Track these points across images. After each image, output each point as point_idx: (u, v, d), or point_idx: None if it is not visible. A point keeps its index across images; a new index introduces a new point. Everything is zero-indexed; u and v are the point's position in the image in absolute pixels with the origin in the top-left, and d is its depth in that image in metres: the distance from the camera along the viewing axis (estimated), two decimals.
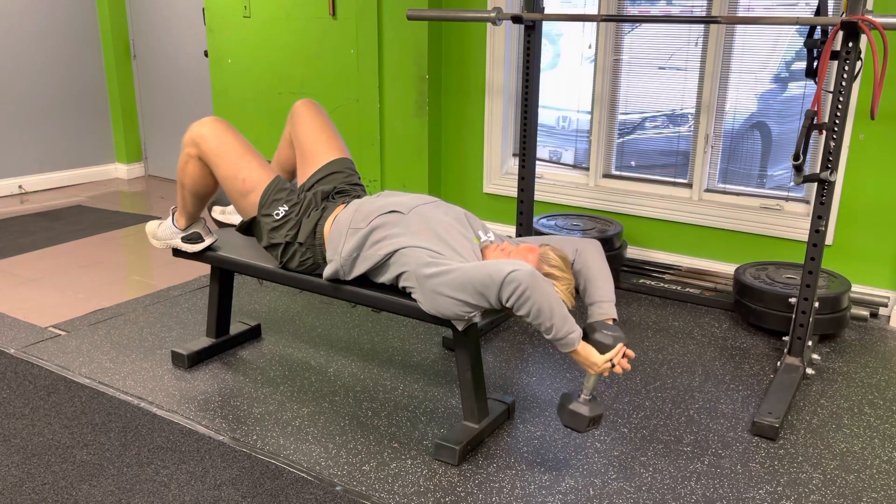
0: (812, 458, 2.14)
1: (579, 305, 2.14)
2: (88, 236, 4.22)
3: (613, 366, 1.94)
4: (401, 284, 2.11)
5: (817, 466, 2.10)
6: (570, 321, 1.91)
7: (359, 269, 2.17)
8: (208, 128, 2.30)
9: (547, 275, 1.98)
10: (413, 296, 2.07)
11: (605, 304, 2.05)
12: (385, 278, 2.15)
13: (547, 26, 3.73)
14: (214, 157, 2.29)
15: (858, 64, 2.33)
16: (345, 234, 2.18)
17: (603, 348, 1.95)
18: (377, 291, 2.18)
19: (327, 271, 2.22)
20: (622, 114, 3.74)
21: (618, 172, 3.83)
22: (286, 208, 2.27)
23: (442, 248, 2.06)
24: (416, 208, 2.17)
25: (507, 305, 1.90)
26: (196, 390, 2.48)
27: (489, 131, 3.97)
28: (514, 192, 3.92)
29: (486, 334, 2.94)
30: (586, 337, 1.96)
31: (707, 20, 2.92)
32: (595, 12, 3.62)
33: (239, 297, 3.24)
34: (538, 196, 3.74)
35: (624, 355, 1.96)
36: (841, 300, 2.84)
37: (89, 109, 5.52)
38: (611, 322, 2.02)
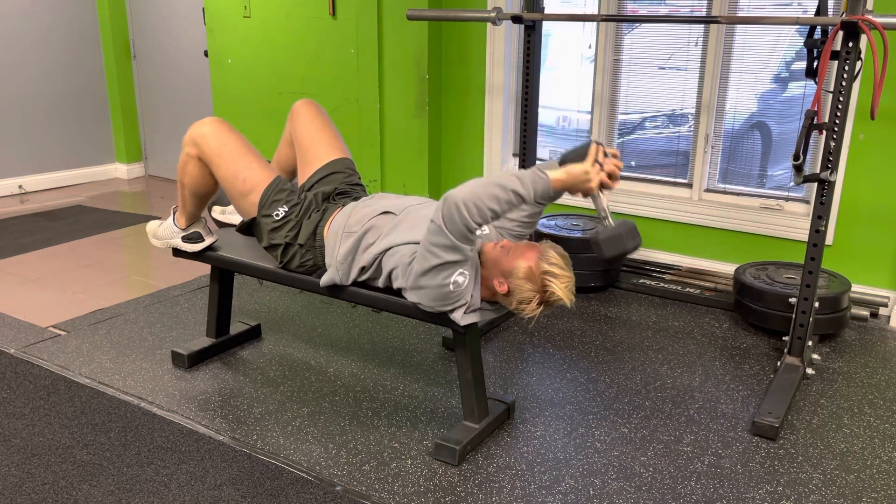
0: (812, 458, 2.14)
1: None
2: (88, 236, 4.22)
3: (602, 167, 1.87)
4: (394, 285, 2.11)
5: (817, 466, 2.10)
6: (522, 172, 1.85)
7: (354, 274, 2.17)
8: (209, 128, 2.30)
9: (546, 273, 1.97)
10: (409, 298, 2.07)
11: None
12: (381, 282, 2.15)
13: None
14: (215, 158, 2.29)
15: (858, 64, 2.33)
16: (339, 239, 2.19)
17: (580, 157, 1.85)
18: (377, 291, 2.18)
19: (325, 279, 2.21)
20: (622, 114, 3.74)
21: None
22: (286, 209, 2.27)
23: None
24: (407, 209, 2.17)
25: (472, 227, 1.85)
26: (196, 390, 2.48)
27: (489, 131, 3.97)
28: None
29: (486, 334, 2.94)
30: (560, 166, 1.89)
31: (707, 20, 2.92)
32: (595, 12, 3.62)
33: (239, 297, 3.24)
34: None
35: (605, 154, 1.89)
36: (841, 300, 2.84)
37: (89, 109, 5.52)
38: None
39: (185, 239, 2.50)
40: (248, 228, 2.37)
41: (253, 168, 2.30)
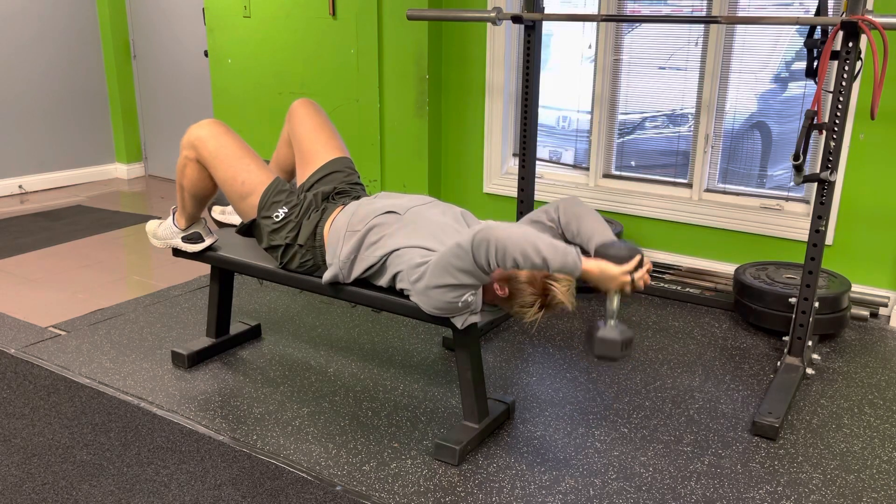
0: (812, 458, 2.14)
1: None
2: (88, 236, 4.22)
3: (633, 280, 1.85)
4: (398, 286, 2.11)
5: (817, 466, 2.10)
6: (560, 245, 1.84)
7: (357, 272, 2.17)
8: (206, 130, 2.30)
9: (547, 277, 1.97)
10: (411, 298, 2.07)
11: (604, 232, 2.00)
12: (383, 281, 2.15)
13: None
14: (213, 160, 2.29)
15: (858, 64, 2.33)
16: (342, 237, 2.18)
17: (619, 260, 1.84)
18: (377, 291, 2.18)
19: (327, 276, 2.22)
20: (622, 114, 3.74)
21: (618, 172, 3.83)
22: (286, 210, 2.27)
23: (437, 247, 2.06)
24: (412, 209, 2.17)
25: (492, 267, 1.86)
26: (196, 390, 2.48)
27: (489, 131, 3.97)
28: (514, 192, 3.92)
29: (486, 334, 2.94)
30: (598, 256, 1.88)
31: (707, 20, 2.92)
32: (595, 12, 3.62)
33: (239, 297, 3.24)
34: (538, 196, 3.74)
35: (643, 266, 1.86)
36: (841, 300, 2.84)
37: (89, 109, 5.52)
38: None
39: (185, 239, 2.50)
40: (248, 230, 2.37)
41: (251, 170, 2.29)
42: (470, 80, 3.96)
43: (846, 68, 2.29)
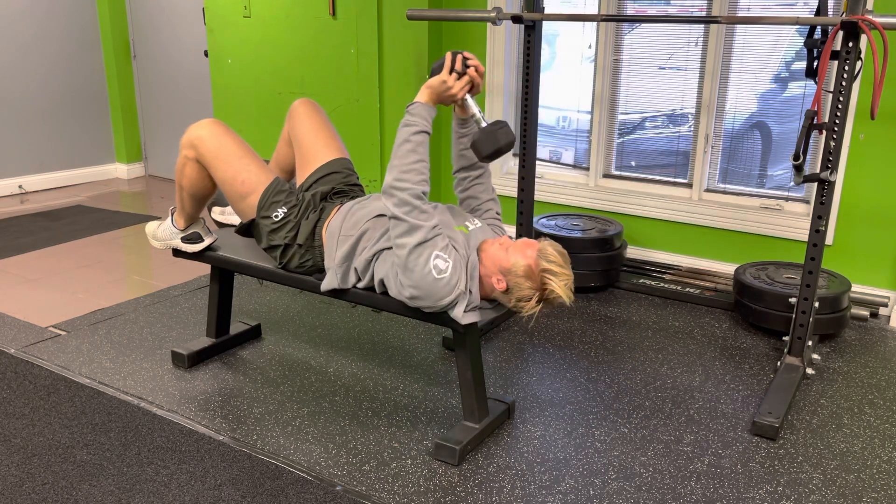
0: (812, 458, 2.14)
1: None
2: (88, 236, 4.22)
3: (459, 74, 2.04)
4: (390, 293, 2.10)
5: (817, 466, 2.10)
6: (403, 120, 2.01)
7: (352, 278, 2.17)
8: (206, 130, 2.29)
9: (545, 270, 1.97)
10: (410, 305, 2.06)
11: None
12: (376, 288, 2.13)
13: (545, 27, 3.73)
14: (212, 160, 2.28)
15: (858, 64, 2.33)
16: (337, 240, 2.18)
17: (436, 70, 2.04)
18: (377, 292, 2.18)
19: (325, 283, 2.21)
20: (622, 114, 3.74)
21: (618, 172, 3.83)
22: (285, 210, 2.27)
23: None
24: None
25: (418, 194, 1.95)
26: (196, 390, 2.48)
27: None
28: (514, 192, 3.91)
29: (486, 334, 2.94)
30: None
31: (707, 20, 2.92)
32: (595, 12, 3.62)
33: (239, 297, 3.24)
34: (538, 196, 3.74)
35: (459, 60, 2.04)
36: (841, 300, 2.84)
37: (89, 109, 5.52)
38: None
39: (185, 239, 2.50)
40: (247, 230, 2.37)
41: (251, 170, 2.29)
42: None
43: (846, 68, 2.29)
